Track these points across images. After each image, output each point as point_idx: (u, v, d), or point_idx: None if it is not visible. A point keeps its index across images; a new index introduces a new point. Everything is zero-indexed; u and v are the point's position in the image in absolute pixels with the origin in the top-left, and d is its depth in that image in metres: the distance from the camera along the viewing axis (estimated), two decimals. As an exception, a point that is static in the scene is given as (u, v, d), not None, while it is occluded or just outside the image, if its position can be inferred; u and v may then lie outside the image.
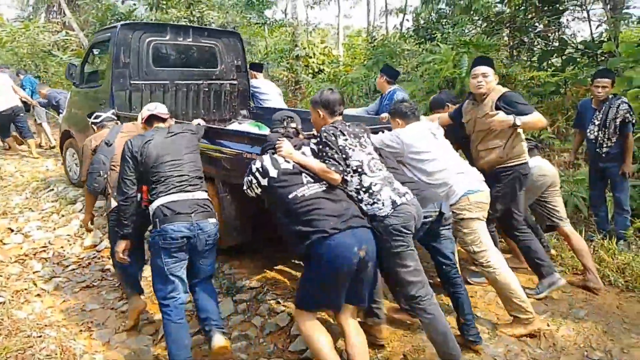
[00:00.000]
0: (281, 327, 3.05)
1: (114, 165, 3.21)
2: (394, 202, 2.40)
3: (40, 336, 2.90)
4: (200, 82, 5.73)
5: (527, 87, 7.39)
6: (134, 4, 14.98)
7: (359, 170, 2.51)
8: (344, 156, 2.49)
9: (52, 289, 3.78)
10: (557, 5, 8.34)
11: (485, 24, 8.99)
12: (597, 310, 3.12)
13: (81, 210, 5.21)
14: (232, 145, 3.43)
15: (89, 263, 4.24)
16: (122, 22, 5.59)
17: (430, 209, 2.61)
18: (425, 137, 3.02)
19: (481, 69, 3.16)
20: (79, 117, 5.60)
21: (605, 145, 4.04)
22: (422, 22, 10.61)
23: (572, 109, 6.83)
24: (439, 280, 2.92)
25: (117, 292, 3.66)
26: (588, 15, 8.30)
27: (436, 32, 9.27)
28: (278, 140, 2.58)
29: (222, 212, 3.56)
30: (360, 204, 2.47)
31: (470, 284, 3.42)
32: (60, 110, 7.82)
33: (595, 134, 4.08)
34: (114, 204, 3.06)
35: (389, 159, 2.85)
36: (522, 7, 8.25)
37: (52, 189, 6.10)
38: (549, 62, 8.10)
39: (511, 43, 8.84)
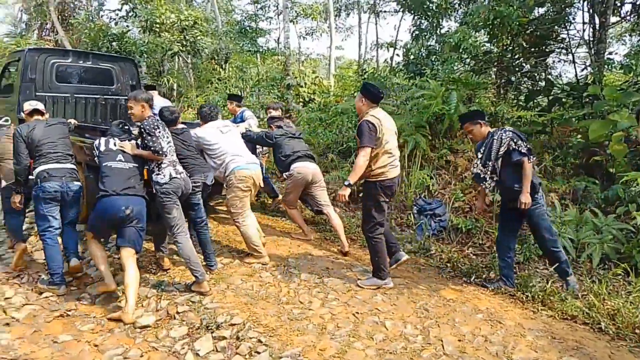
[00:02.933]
0: (263, 367, 2.92)
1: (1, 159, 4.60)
2: (170, 175, 3.84)
3: (6, 371, 2.73)
4: (98, 96, 7.12)
5: (514, 125, 7.49)
6: (128, 26, 15.02)
7: (160, 152, 3.83)
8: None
9: (23, 317, 3.60)
10: (544, 47, 8.56)
11: (473, 62, 9.17)
12: None
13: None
14: (92, 138, 4.60)
15: (66, 290, 4.06)
16: (29, 47, 7.52)
17: (197, 178, 4.18)
18: (213, 132, 4.55)
19: None
20: None
21: (488, 179, 4.04)
22: (412, 57, 10.78)
23: (558, 148, 6.94)
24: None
25: (93, 323, 3.50)
26: (573, 58, 8.53)
27: (425, 68, 9.42)
28: (122, 139, 3.98)
29: (86, 186, 4.69)
30: (153, 174, 3.86)
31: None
32: None
33: (477, 170, 4.12)
34: (4, 184, 4.67)
35: (190, 147, 4.35)
36: (510, 47, 8.43)
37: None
38: (536, 101, 8.25)
39: (499, 82, 9.01)
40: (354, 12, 23.76)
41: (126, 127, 4.19)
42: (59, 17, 22.05)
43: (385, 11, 21.35)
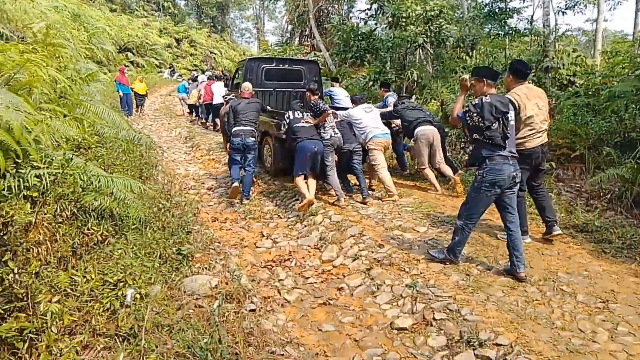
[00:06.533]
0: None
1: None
2: (329, 134, 6.12)
3: (282, 354, 2.98)
4: (291, 89, 9.71)
5: None
6: (375, 24, 15.65)
7: (324, 111, 6.14)
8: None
9: (293, 300, 3.96)
10: None
11: None
12: None
13: (321, 222, 5.49)
14: (277, 118, 6.98)
15: (326, 278, 4.34)
16: (249, 57, 10.68)
17: (350, 144, 6.29)
18: (360, 112, 6.51)
19: None
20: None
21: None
22: None
23: None
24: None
25: (352, 316, 3.60)
26: None
27: None
28: (299, 111, 6.29)
29: (273, 150, 7.48)
30: (320, 131, 6.15)
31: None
32: None
33: None
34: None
35: (343, 121, 6.58)
36: None
37: (298, 199, 6.59)
38: None
39: None
40: (628, -26, 19.75)
41: (301, 104, 6.55)
42: (316, 23, 24.70)
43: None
